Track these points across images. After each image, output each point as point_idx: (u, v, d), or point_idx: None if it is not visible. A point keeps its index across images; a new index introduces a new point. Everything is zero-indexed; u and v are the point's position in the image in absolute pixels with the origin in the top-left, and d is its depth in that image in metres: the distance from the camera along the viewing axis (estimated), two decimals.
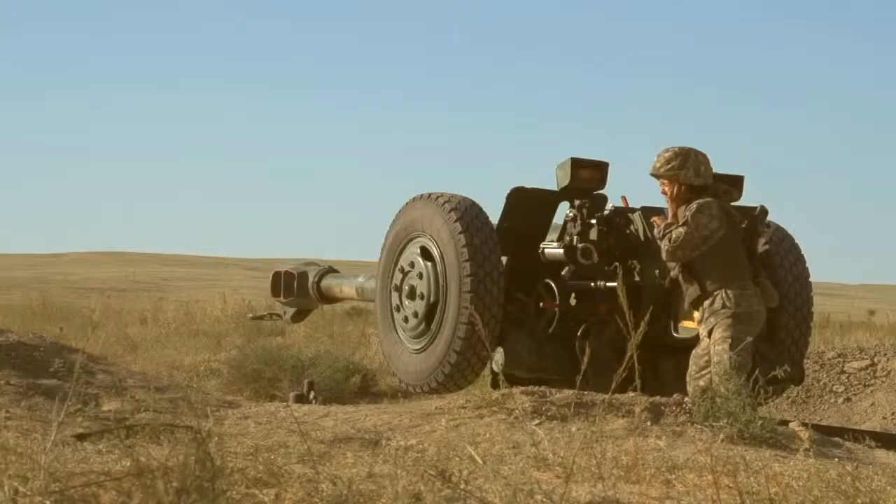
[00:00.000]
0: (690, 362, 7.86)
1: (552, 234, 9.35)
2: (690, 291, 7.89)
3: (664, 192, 8.16)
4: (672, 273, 8.04)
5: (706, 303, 7.80)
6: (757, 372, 7.36)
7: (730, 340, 7.64)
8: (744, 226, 8.14)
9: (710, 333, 7.75)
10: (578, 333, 8.75)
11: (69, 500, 3.61)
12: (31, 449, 4.07)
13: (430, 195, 9.25)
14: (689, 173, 8.05)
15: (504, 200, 9.19)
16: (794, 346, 9.02)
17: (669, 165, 8.08)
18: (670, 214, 8.10)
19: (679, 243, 7.85)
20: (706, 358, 7.74)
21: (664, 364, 8.66)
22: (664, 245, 7.92)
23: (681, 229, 7.86)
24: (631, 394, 6.92)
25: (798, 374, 8.76)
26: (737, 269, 7.89)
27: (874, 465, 6.35)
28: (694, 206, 7.91)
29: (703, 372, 7.74)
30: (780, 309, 8.73)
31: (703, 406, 6.90)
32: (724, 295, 7.75)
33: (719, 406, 6.79)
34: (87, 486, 3.64)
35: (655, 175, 8.17)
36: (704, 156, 8.15)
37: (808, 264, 9.34)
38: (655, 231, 8.10)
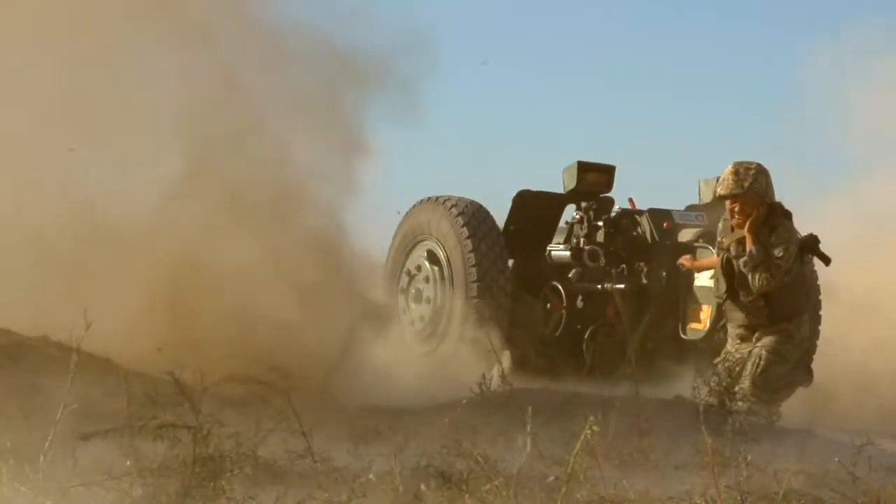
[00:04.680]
0: (716, 363, 7.64)
1: (558, 237, 9.36)
2: (757, 313, 7.39)
3: (743, 214, 7.26)
4: (743, 299, 7.40)
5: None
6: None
7: (779, 356, 7.41)
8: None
9: (757, 339, 7.44)
10: (586, 336, 8.73)
11: (69, 500, 3.64)
12: (32, 448, 4.10)
13: (436, 198, 9.25)
14: (772, 191, 7.39)
15: (510, 203, 9.21)
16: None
17: (759, 183, 7.25)
18: (750, 240, 7.28)
19: (778, 276, 7.24)
20: (729, 361, 7.54)
21: (673, 365, 8.63)
22: (763, 277, 7.24)
23: (779, 261, 7.24)
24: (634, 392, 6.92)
25: (807, 375, 8.73)
26: (803, 296, 7.58)
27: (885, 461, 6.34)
28: (784, 234, 7.29)
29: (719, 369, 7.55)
30: None
31: (712, 403, 6.86)
32: (789, 321, 7.43)
33: (728, 405, 6.78)
34: (87, 486, 3.67)
35: (738, 195, 7.26)
36: None
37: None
38: (742, 263, 7.32)
